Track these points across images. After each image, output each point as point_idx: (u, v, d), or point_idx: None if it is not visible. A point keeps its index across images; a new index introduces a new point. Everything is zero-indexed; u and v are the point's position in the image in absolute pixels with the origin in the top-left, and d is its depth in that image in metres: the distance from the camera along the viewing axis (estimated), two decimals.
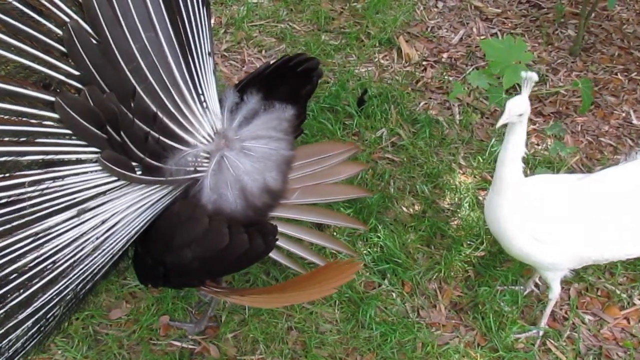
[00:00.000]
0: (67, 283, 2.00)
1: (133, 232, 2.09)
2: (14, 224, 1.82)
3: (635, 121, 3.81)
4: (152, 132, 1.98)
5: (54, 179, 1.85)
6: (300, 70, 2.31)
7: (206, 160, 2.12)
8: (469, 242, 3.13)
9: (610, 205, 2.54)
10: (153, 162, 2.00)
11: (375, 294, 2.95)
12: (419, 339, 2.81)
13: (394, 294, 2.98)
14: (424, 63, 4.16)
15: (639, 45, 4.28)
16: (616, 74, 4.09)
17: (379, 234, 3.13)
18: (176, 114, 2.03)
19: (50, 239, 1.90)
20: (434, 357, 2.75)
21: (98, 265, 2.06)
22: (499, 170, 2.53)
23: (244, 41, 4.22)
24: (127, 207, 2.03)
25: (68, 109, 1.83)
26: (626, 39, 4.32)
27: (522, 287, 2.97)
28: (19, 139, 1.78)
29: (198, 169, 2.11)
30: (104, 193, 1.97)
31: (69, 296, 2.05)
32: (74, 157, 1.89)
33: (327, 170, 2.73)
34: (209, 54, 2.17)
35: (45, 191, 1.84)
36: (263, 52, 4.17)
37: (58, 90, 1.84)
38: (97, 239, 2.00)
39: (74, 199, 1.91)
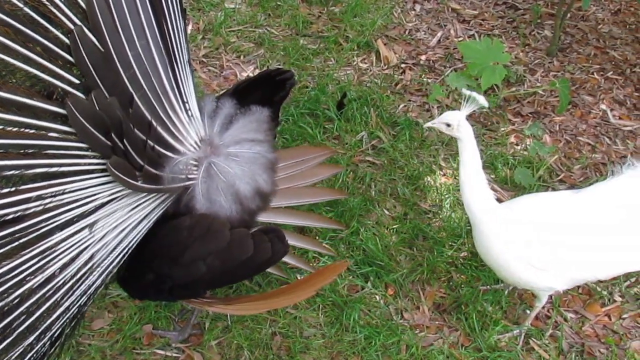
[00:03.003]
0: (71, 303, 1.99)
1: (129, 245, 2.08)
2: (21, 242, 1.81)
3: (612, 120, 3.85)
4: (148, 140, 1.98)
5: (55, 193, 1.84)
6: (276, 80, 2.36)
7: (195, 168, 2.12)
8: (450, 243, 3.14)
9: (604, 225, 2.53)
10: (152, 170, 2.00)
11: (358, 297, 2.95)
12: (403, 341, 2.81)
13: (377, 297, 2.98)
14: (403, 66, 4.18)
15: (615, 45, 4.33)
16: (592, 74, 4.13)
17: (361, 237, 3.14)
18: (167, 122, 2.04)
19: (54, 257, 1.89)
20: (419, 359, 2.75)
21: (97, 282, 2.05)
22: (463, 197, 2.55)
23: (222, 47, 4.21)
24: (124, 220, 2.03)
25: (77, 113, 1.83)
26: (602, 39, 4.37)
27: (503, 286, 2.98)
28: (25, 152, 1.77)
29: (189, 176, 2.11)
30: (103, 206, 1.96)
31: (72, 316, 2.05)
32: (74, 169, 1.88)
33: (303, 173, 2.75)
34: (188, 61, 2.17)
35: (47, 206, 1.83)
36: (241, 57, 4.16)
37: (63, 97, 1.84)
38: (97, 253, 1.99)
39: (75, 213, 1.90)
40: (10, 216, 1.77)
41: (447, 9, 4.60)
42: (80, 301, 2.03)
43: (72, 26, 1.84)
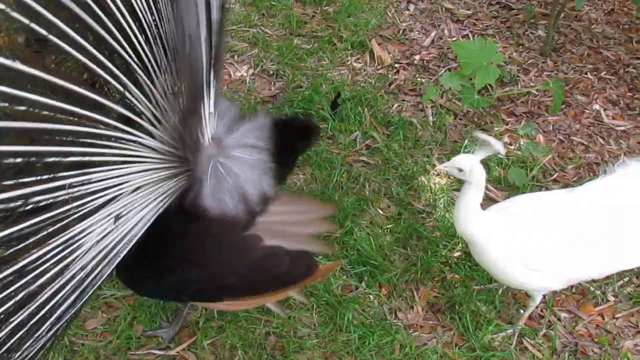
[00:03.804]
0: (81, 291, 2.00)
1: (136, 236, 2.08)
2: (49, 230, 1.83)
3: (605, 120, 3.86)
4: (186, 128, 2.01)
5: (84, 182, 1.87)
6: (302, 130, 2.42)
7: (205, 165, 2.12)
8: (444, 243, 3.15)
9: (596, 224, 2.53)
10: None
11: (352, 297, 2.95)
12: (397, 340, 2.81)
13: (371, 297, 2.98)
14: (397, 65, 4.18)
15: (608, 45, 4.34)
16: (586, 74, 4.14)
17: (355, 237, 3.14)
18: (200, 114, 2.06)
19: (75, 246, 1.91)
20: (413, 359, 2.76)
21: (105, 271, 2.06)
22: (459, 229, 2.58)
23: None
24: (132, 212, 2.04)
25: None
26: (595, 39, 4.38)
27: (497, 285, 2.98)
28: (65, 139, 1.80)
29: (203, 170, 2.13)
30: (116, 197, 1.98)
31: (80, 302, 2.06)
32: (100, 159, 1.91)
33: (298, 223, 2.71)
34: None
35: (76, 194, 1.86)
36: (235, 57, 4.16)
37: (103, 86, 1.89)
38: (109, 244, 2.01)
39: (96, 204, 1.93)
40: (43, 203, 1.79)
41: (441, 9, 4.60)
42: (88, 291, 2.04)
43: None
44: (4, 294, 1.79)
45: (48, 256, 1.85)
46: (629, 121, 3.85)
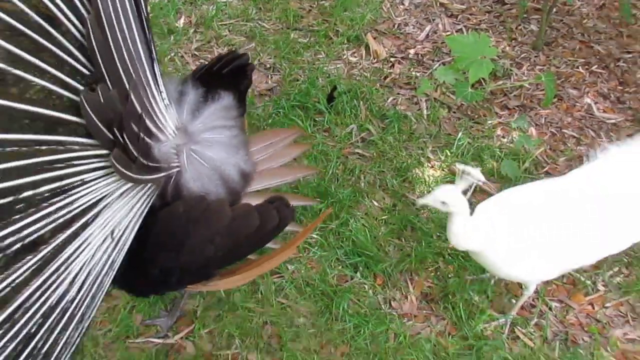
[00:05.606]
0: (81, 314, 1.99)
1: (125, 245, 2.08)
2: (38, 264, 1.81)
3: (596, 113, 3.90)
4: (140, 131, 1.97)
5: (65, 205, 1.86)
6: (234, 67, 2.33)
7: (176, 157, 2.09)
8: (438, 234, 3.19)
9: (585, 213, 2.56)
10: (143, 161, 2.00)
11: (348, 287, 3.00)
12: (392, 329, 2.87)
13: (366, 287, 3.03)
14: (392, 59, 4.22)
15: (599, 39, 4.39)
16: (578, 68, 4.19)
17: (350, 228, 3.19)
18: (151, 112, 2.04)
19: (67, 272, 1.89)
20: (407, 347, 2.81)
21: (101, 288, 2.05)
22: (460, 248, 2.59)
23: (214, 40, 4.24)
24: (122, 217, 2.03)
25: (87, 107, 1.86)
26: (587, 33, 4.43)
27: (490, 275, 3.03)
28: (40, 168, 1.80)
29: (172, 165, 2.09)
30: (104, 206, 1.98)
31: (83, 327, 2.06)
32: (79, 178, 1.90)
33: (273, 155, 2.71)
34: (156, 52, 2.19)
35: (58, 221, 1.85)
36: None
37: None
38: (99, 262, 2.00)
39: (79, 223, 1.91)
40: (28, 239, 1.78)
41: (435, 4, 4.64)
42: (88, 313, 2.03)
43: (86, 14, 1.87)
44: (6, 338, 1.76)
45: (44, 288, 1.82)
46: (620, 114, 3.90)
